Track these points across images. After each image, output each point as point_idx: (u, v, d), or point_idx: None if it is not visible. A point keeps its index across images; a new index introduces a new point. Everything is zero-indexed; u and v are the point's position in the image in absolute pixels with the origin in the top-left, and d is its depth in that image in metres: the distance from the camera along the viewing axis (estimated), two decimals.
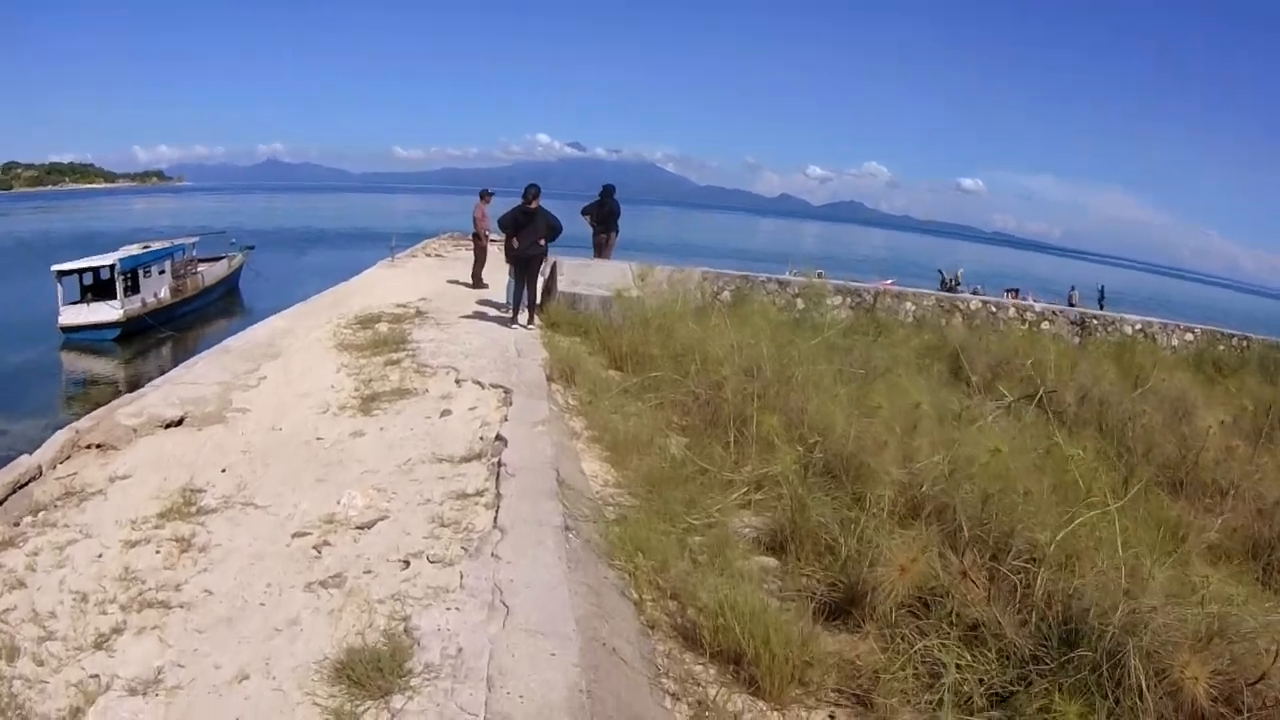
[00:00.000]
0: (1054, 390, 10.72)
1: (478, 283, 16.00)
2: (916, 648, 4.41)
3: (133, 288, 23.41)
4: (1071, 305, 40.82)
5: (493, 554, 4.73)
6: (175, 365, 10.10)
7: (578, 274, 13.39)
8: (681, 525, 5.78)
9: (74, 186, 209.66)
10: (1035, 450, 6.48)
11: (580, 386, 8.75)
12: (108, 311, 22.58)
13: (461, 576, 4.52)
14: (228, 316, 27.00)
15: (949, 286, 47.58)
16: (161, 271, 25.10)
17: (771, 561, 5.70)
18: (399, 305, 13.31)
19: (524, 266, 11.62)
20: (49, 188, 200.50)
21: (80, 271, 23.10)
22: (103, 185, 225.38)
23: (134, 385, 11.32)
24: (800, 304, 14.52)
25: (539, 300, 12.22)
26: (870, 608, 4.79)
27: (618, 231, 16.40)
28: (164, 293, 25.02)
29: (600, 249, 16.33)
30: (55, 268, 22.51)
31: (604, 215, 16.14)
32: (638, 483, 6.48)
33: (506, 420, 7.19)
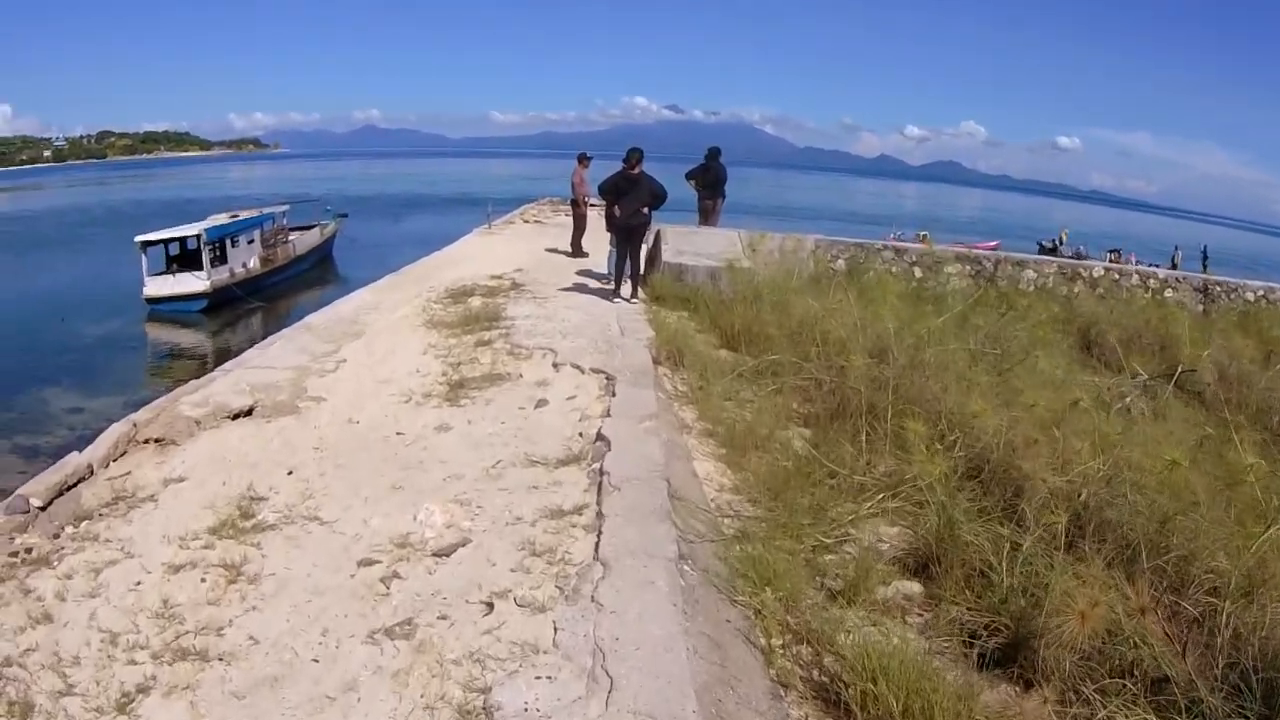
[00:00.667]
0: (1194, 370, 9.57)
1: (577, 251, 15.22)
2: (1099, 716, 3.45)
3: (220, 258, 23.06)
4: (1174, 266, 38.51)
5: (593, 598, 3.83)
6: (265, 336, 9.61)
7: (683, 243, 12.45)
8: (810, 541, 4.85)
9: (169, 154, 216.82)
10: (1186, 440, 5.53)
11: (690, 370, 7.83)
12: (194, 282, 22.19)
13: (555, 629, 3.64)
14: (321, 286, 26.55)
15: (1051, 251, 45.26)
16: (250, 241, 24.74)
17: (915, 587, 4.75)
18: (494, 277, 12.59)
19: (626, 236, 10.74)
20: (143, 155, 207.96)
21: (166, 242, 22.88)
22: (198, 153, 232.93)
23: (223, 358, 10.89)
24: (918, 272, 13.33)
25: (642, 272, 11.36)
26: (1042, 662, 3.82)
27: (725, 197, 15.39)
28: (253, 263, 24.64)
29: (706, 215, 15.34)
30: (139, 238, 22.25)
31: (710, 180, 15.10)
32: (758, 487, 5.55)
33: (609, 414, 6.28)
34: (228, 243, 23.45)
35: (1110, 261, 41.95)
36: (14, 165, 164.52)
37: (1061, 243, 46.70)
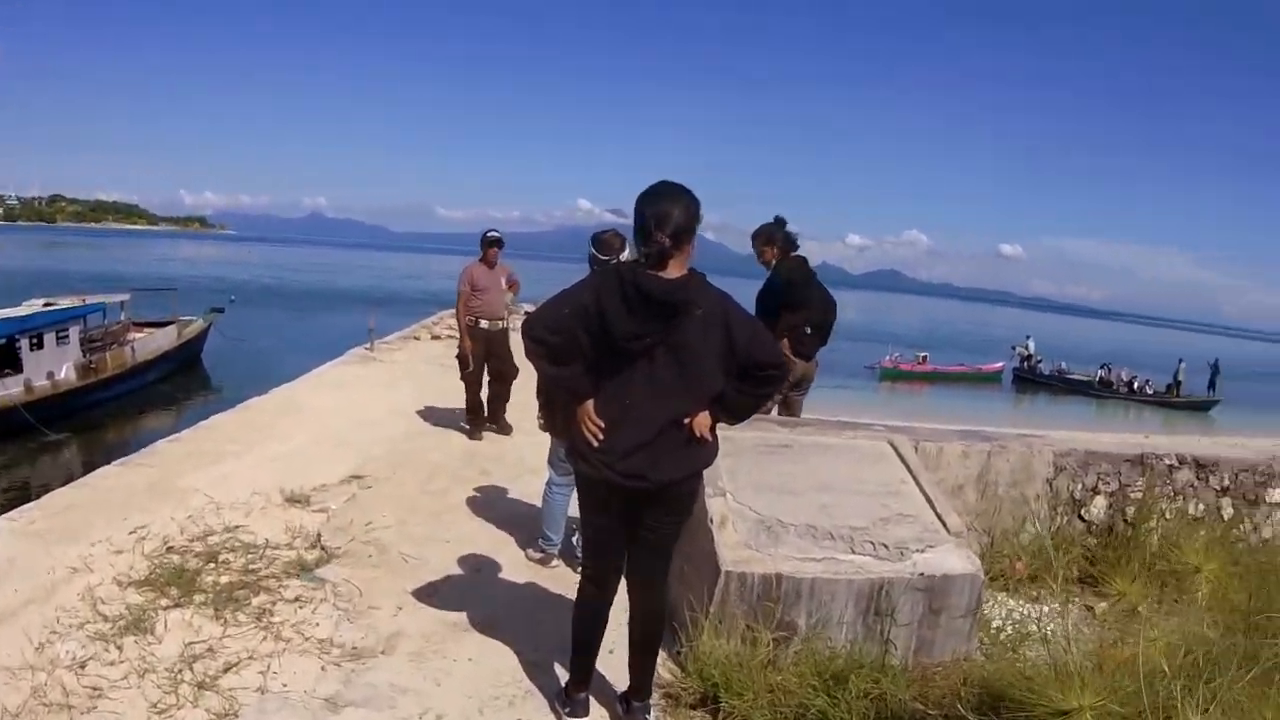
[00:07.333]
0: None
1: (477, 420, 7.76)
2: None
3: (10, 364, 15.52)
4: (1177, 380, 33.66)
5: None
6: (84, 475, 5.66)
7: (763, 489, 4.19)
8: None
9: (115, 226, 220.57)
10: None
11: None
12: None
13: None
14: (173, 406, 18.96)
15: (1026, 358, 40.63)
16: (63, 339, 16.85)
17: None
18: (294, 500, 5.45)
19: (631, 505, 2.95)
20: (91, 224, 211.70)
21: None
22: (144, 226, 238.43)
23: (17, 502, 5.48)
24: (1228, 509, 6.10)
25: (668, 595, 3.23)
26: None
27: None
28: (65, 372, 16.83)
29: (792, 395, 6.68)
30: None
31: (817, 313, 6.54)
32: None
33: None
34: (26, 343, 15.76)
35: (1100, 379, 36.66)
36: None
37: (1032, 356, 41.97)
